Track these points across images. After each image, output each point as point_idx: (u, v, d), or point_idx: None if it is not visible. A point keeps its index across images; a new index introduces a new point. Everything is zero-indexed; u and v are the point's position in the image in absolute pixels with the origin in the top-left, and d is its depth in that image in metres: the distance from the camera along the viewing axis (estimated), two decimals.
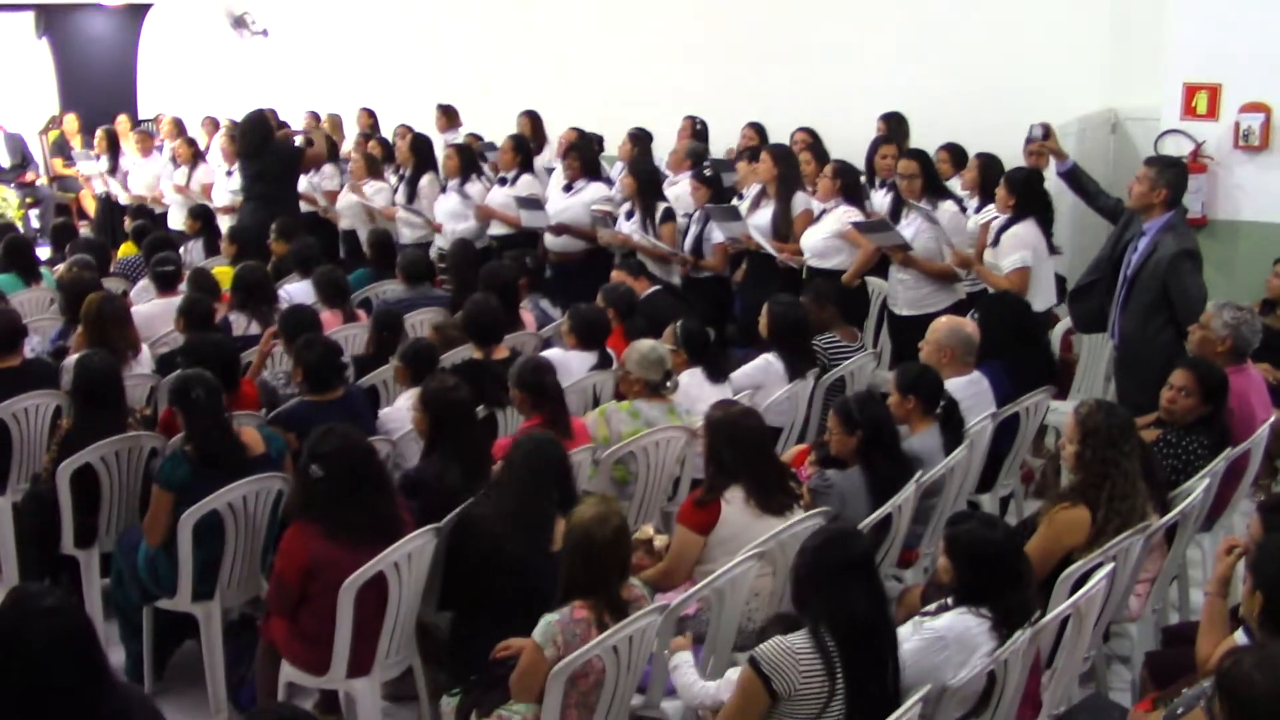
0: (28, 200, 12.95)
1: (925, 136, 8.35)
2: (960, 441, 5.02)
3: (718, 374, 5.84)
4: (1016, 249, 6.48)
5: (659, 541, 4.67)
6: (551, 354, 5.99)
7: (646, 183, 8.14)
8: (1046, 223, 6.70)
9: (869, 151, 8.46)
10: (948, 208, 7.04)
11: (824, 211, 7.38)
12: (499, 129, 10.27)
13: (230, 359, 5.63)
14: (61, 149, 13.70)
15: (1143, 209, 5.99)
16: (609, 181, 8.89)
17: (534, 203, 8.55)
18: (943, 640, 3.49)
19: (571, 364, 5.98)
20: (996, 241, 6.57)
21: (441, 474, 4.66)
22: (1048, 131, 6.63)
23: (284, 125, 10.77)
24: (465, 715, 3.89)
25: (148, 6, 14.68)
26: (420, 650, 4.48)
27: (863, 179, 7.90)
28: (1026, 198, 6.57)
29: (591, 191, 8.52)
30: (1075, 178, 6.52)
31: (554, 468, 4.27)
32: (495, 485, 4.39)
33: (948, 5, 9.91)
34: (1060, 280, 7.12)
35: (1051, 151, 6.65)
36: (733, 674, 3.70)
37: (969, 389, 5.42)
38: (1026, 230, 6.51)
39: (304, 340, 5.47)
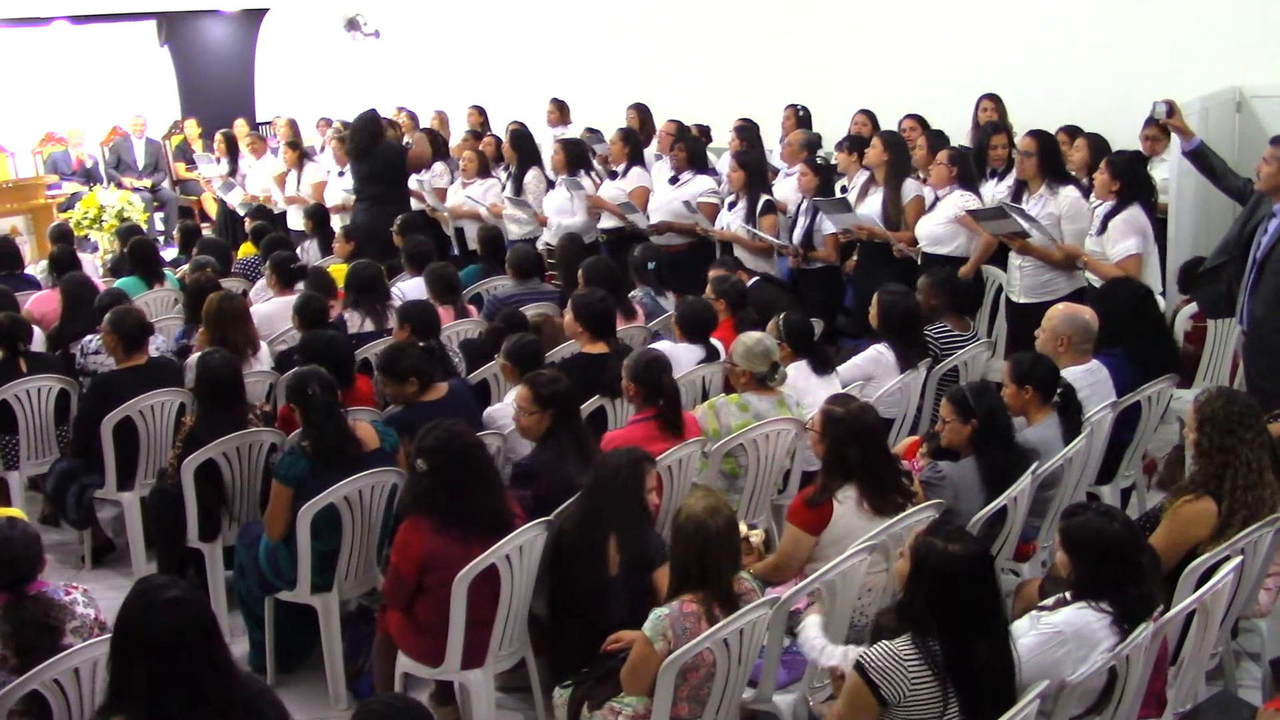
0: (153, 204, 13.40)
1: (1039, 117, 8.13)
2: (1079, 431, 4.90)
3: (823, 366, 5.78)
4: (1127, 235, 6.28)
5: (755, 537, 4.63)
6: (661, 346, 5.98)
7: (755, 174, 8.10)
8: (1150, 207, 6.47)
9: (977, 139, 8.27)
10: (1068, 193, 6.70)
11: (937, 198, 7.26)
12: (611, 122, 10.29)
13: (344, 355, 5.73)
14: (184, 153, 14.15)
15: (1272, 190, 5.77)
16: (714, 173, 8.85)
17: (631, 208, 8.60)
18: (1061, 635, 3.40)
19: (680, 356, 5.97)
20: (1103, 229, 6.37)
21: (556, 462, 4.69)
22: (1172, 109, 6.35)
23: (393, 125, 10.93)
24: (577, 707, 3.92)
25: (264, 11, 15.05)
26: (533, 642, 4.52)
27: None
28: (1131, 182, 6.37)
29: (698, 184, 8.51)
30: (1202, 157, 6.29)
31: (629, 489, 4.20)
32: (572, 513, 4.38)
33: None
34: (1198, 262, 6.81)
35: (1176, 129, 6.41)
36: (853, 651, 3.67)
37: (1087, 378, 5.27)
38: (1135, 215, 6.31)
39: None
